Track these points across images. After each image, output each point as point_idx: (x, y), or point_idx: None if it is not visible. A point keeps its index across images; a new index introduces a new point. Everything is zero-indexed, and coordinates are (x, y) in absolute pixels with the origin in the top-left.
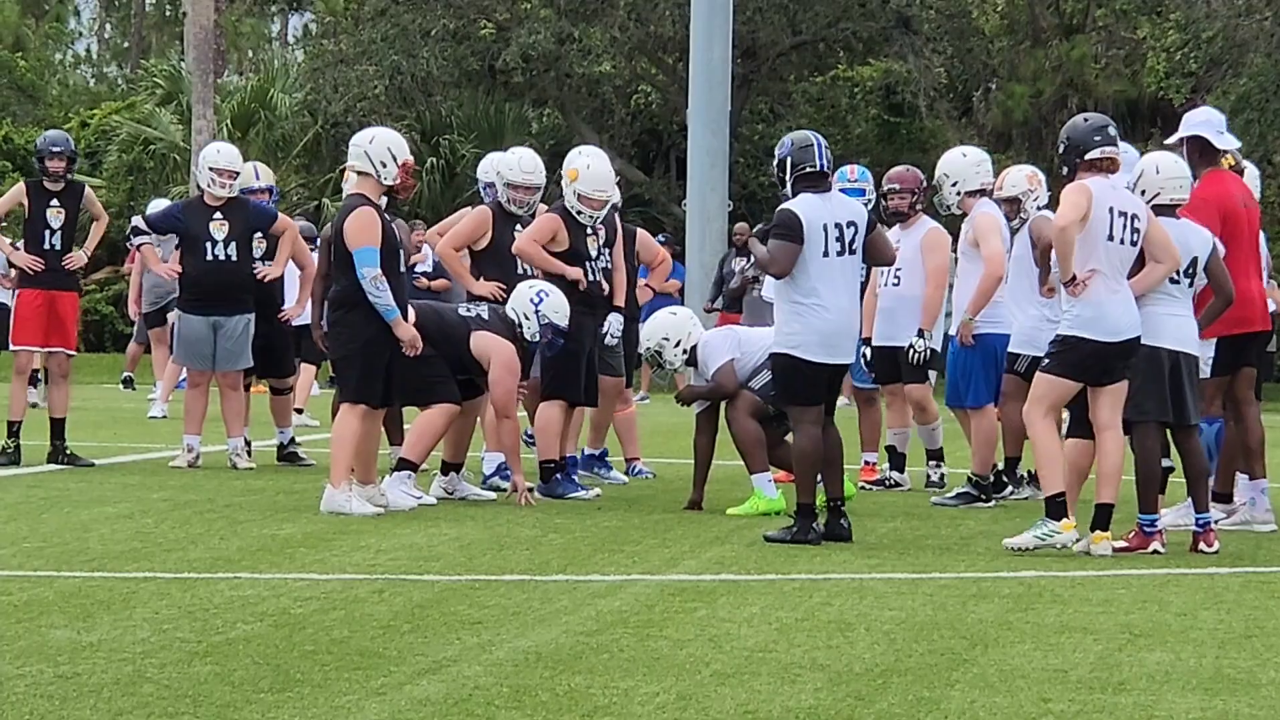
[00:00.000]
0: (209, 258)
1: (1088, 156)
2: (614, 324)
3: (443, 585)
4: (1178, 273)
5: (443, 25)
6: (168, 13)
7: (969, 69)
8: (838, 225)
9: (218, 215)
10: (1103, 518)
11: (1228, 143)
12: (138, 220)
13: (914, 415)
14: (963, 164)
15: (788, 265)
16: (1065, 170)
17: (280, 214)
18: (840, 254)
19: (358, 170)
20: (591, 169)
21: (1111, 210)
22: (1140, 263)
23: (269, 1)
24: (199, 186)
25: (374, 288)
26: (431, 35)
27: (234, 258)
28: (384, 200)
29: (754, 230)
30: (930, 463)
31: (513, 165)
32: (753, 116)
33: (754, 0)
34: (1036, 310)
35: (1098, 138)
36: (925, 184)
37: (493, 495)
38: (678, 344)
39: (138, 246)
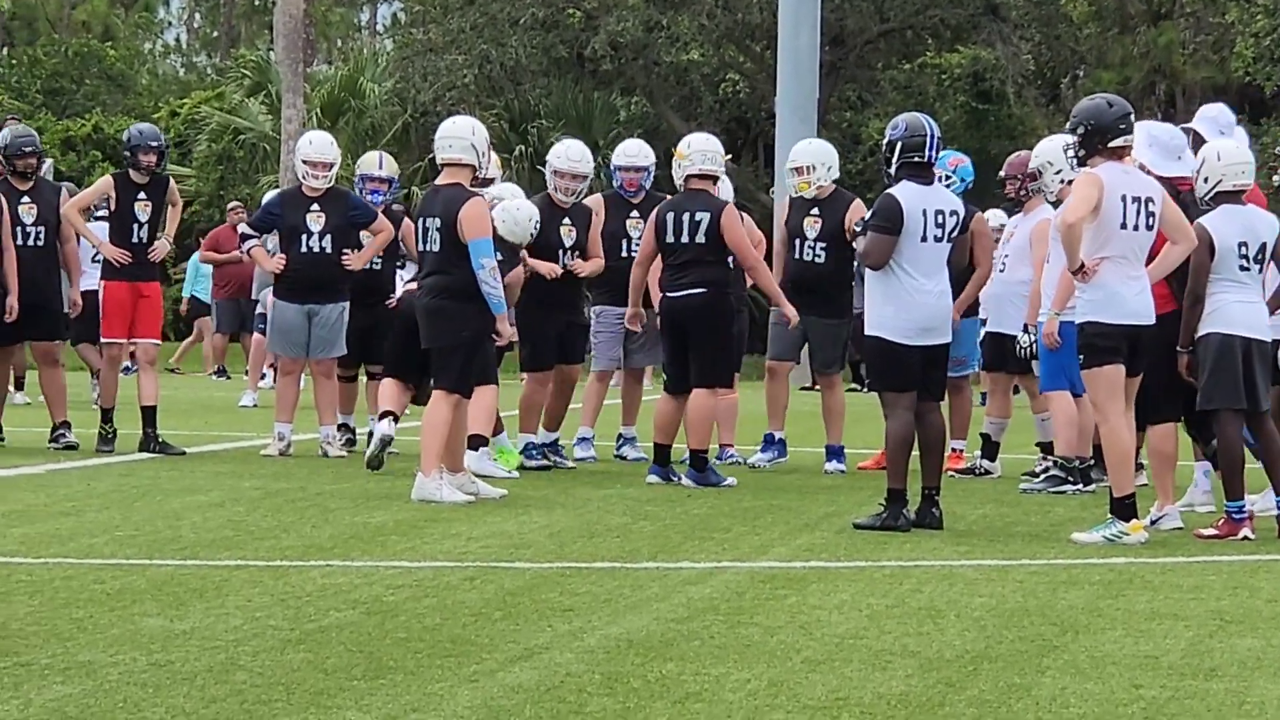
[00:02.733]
0: (304, 250)
1: (1112, 144)
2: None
3: (534, 572)
4: (1246, 259)
5: (531, 14)
6: (257, 2)
7: (1057, 56)
8: (938, 212)
9: (315, 207)
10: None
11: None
12: (243, 227)
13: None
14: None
15: (883, 258)
16: (1082, 153)
17: (380, 215)
18: (939, 240)
19: (462, 162)
20: (693, 144)
21: (1125, 198)
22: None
23: None
24: (299, 177)
25: (490, 279)
26: (520, 24)
27: (328, 250)
28: (494, 186)
29: (859, 225)
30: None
31: (560, 154)
32: (841, 104)
33: None
34: None
35: (1123, 125)
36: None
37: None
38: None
39: (248, 251)
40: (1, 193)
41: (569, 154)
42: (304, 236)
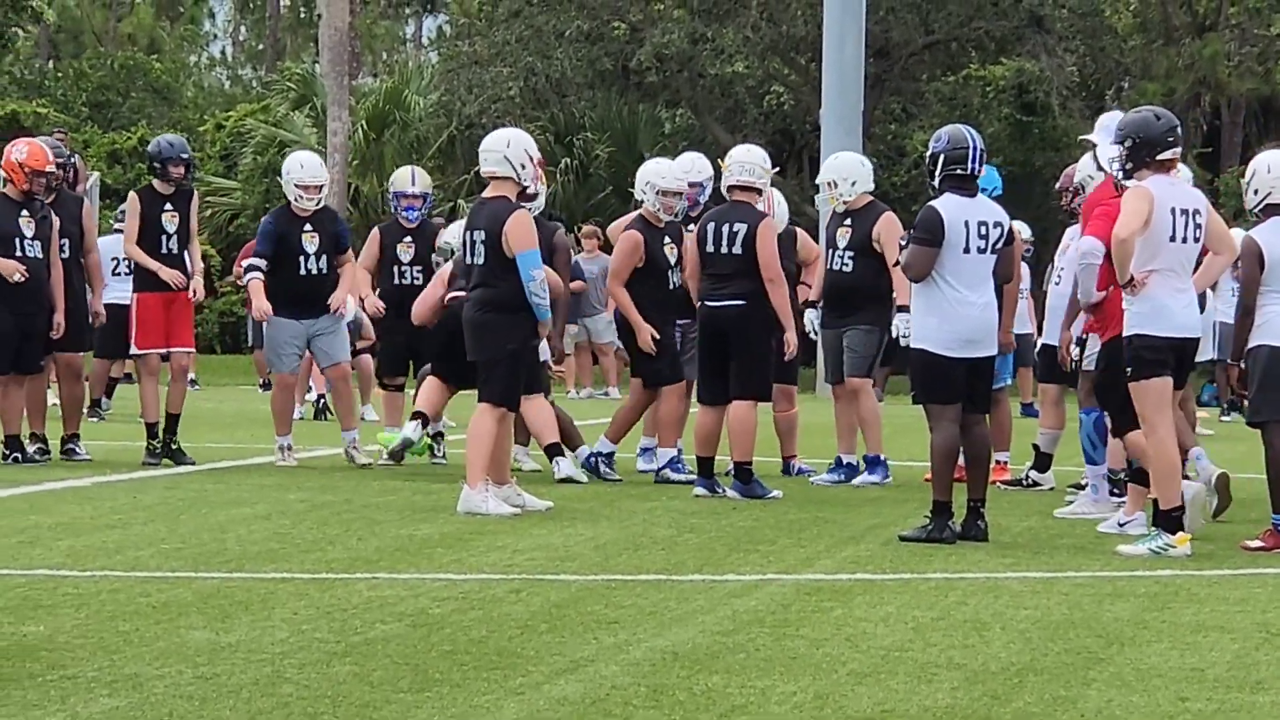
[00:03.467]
0: (302, 272)
1: (1160, 157)
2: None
3: (579, 585)
4: None
5: (576, 26)
6: (302, 15)
7: (1101, 68)
8: (981, 224)
9: (308, 227)
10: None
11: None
12: (252, 260)
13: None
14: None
15: (924, 269)
16: (1130, 166)
17: (349, 249)
18: (982, 251)
19: (498, 175)
20: (734, 155)
21: (1174, 210)
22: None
23: (403, 4)
24: (289, 198)
25: (539, 290)
26: (565, 36)
27: (324, 270)
28: (540, 200)
29: (904, 239)
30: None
31: (663, 173)
32: (885, 116)
33: (887, 0)
34: None
35: (1170, 138)
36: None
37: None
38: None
39: (248, 283)
40: (25, 206)
41: (674, 172)
42: (302, 258)
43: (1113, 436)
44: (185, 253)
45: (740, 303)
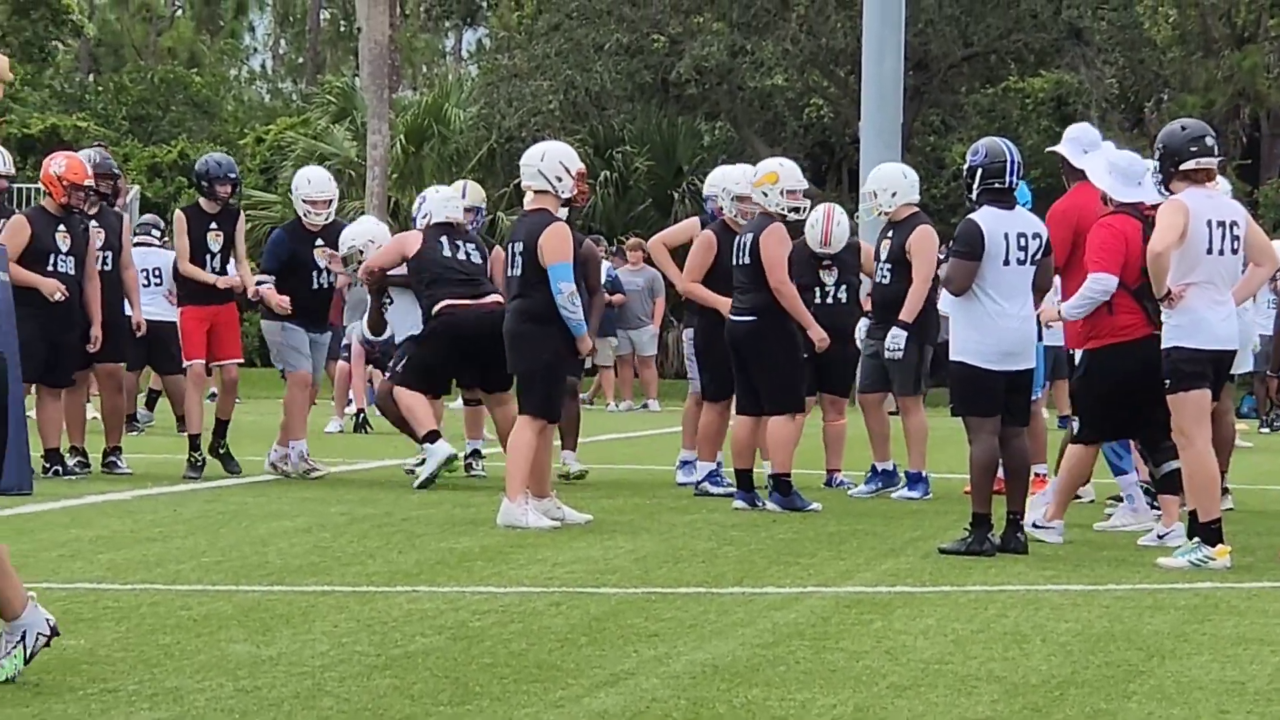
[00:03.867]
0: (314, 286)
1: (1183, 167)
2: (891, 341)
3: (619, 598)
4: None
5: (616, 39)
6: (342, 28)
7: (1140, 80)
8: (1020, 235)
9: (319, 241)
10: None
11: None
12: (258, 276)
13: None
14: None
15: (965, 283)
16: (1161, 177)
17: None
18: (1021, 263)
19: (535, 189)
20: (785, 166)
21: (1210, 223)
22: None
23: (443, 17)
24: (299, 214)
25: (569, 303)
26: (605, 49)
27: (334, 284)
28: (564, 212)
29: (944, 253)
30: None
31: (738, 179)
32: (924, 128)
33: (926, 13)
34: None
35: (1194, 148)
36: None
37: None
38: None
39: (259, 285)
40: (63, 220)
41: (748, 177)
42: (315, 273)
43: (1072, 443)
44: (229, 269)
45: (751, 318)
